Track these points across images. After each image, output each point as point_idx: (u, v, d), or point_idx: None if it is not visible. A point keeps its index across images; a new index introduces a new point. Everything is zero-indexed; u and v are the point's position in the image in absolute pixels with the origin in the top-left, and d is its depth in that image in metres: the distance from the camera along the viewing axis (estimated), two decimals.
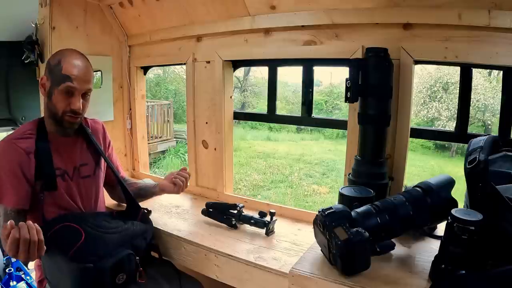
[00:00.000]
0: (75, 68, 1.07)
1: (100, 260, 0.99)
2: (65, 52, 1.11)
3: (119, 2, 1.68)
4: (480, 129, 8.83)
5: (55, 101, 1.08)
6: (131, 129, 1.97)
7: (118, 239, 1.08)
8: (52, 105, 1.09)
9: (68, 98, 1.07)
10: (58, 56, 1.10)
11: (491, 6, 0.95)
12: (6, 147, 1.05)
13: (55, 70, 1.07)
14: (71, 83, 1.06)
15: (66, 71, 1.06)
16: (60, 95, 1.07)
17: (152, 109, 8.48)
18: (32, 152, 1.06)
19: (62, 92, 1.07)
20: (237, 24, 1.42)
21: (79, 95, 1.09)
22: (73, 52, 1.11)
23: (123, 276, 1.03)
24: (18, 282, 2.14)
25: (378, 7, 1.12)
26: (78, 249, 0.99)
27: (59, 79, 1.06)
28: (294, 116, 1.63)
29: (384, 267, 0.88)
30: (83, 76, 1.08)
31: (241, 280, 1.09)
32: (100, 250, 1.02)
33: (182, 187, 1.27)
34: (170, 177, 1.29)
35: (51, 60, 1.10)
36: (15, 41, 1.81)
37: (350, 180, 1.13)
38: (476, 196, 0.83)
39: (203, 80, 1.60)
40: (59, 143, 1.14)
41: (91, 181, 1.23)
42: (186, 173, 1.30)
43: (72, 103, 1.08)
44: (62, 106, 1.08)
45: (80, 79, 1.07)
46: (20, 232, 0.80)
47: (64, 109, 1.08)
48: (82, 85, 1.08)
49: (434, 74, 9.52)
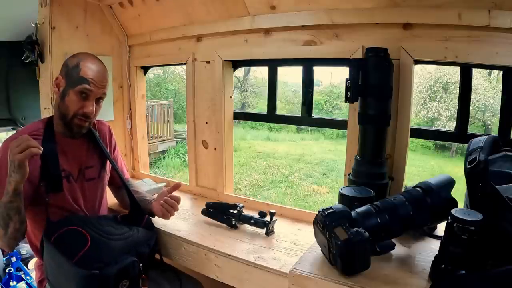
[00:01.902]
0: (93, 71, 1.09)
1: (105, 266, 0.99)
2: (84, 56, 1.12)
3: (119, 2, 1.68)
4: (480, 129, 8.84)
5: (68, 102, 1.08)
6: (131, 129, 1.97)
7: (123, 245, 1.09)
8: (64, 106, 1.09)
9: (82, 101, 1.08)
10: (77, 58, 1.10)
11: (491, 6, 0.95)
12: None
13: (72, 72, 1.08)
14: (87, 85, 1.07)
15: (84, 73, 1.07)
16: (74, 96, 1.08)
17: (152, 109, 8.48)
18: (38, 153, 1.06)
19: (77, 93, 1.08)
20: (237, 24, 1.42)
21: (93, 99, 1.10)
22: (91, 56, 1.13)
23: (127, 282, 1.03)
24: (18, 282, 2.14)
25: (378, 7, 1.12)
26: (84, 254, 0.99)
27: (75, 81, 1.07)
28: (294, 116, 1.62)
29: (384, 267, 0.88)
30: (100, 80, 1.10)
31: (241, 280, 1.09)
32: (105, 256, 1.02)
33: (169, 216, 1.22)
34: (159, 200, 1.23)
35: (69, 61, 1.11)
36: (15, 41, 1.81)
37: (350, 180, 1.13)
38: (476, 196, 0.83)
39: (203, 80, 1.60)
40: (65, 145, 1.14)
41: (95, 184, 1.23)
42: (176, 198, 1.21)
43: (85, 106, 1.09)
44: (74, 108, 1.08)
45: (97, 83, 1.09)
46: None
47: (76, 112, 1.09)
48: (97, 89, 1.09)
49: (434, 74, 9.52)
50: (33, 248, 1.19)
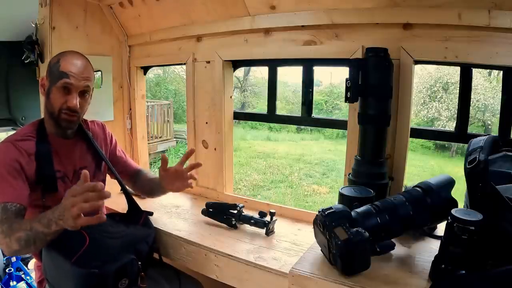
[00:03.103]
0: (73, 65, 1.07)
1: (104, 265, 0.99)
2: (65, 52, 1.12)
3: (119, 2, 1.68)
4: (480, 129, 8.84)
5: (52, 100, 1.08)
6: (131, 129, 1.97)
7: (122, 244, 1.08)
8: (49, 103, 1.09)
9: (65, 95, 1.07)
10: (58, 56, 1.10)
11: (491, 6, 0.95)
12: (7, 147, 1.04)
13: (53, 68, 1.08)
14: (67, 79, 1.05)
15: (64, 68, 1.06)
16: (57, 92, 1.07)
17: (152, 109, 8.48)
18: (33, 154, 1.05)
19: (59, 89, 1.06)
20: (237, 24, 1.42)
21: (76, 93, 1.08)
22: (73, 52, 1.12)
23: (126, 281, 1.02)
24: (18, 282, 2.14)
25: (378, 7, 1.12)
26: (82, 253, 0.99)
27: (56, 77, 1.06)
28: (294, 116, 1.62)
29: (384, 267, 0.88)
30: (80, 73, 1.08)
31: (241, 280, 1.09)
32: (103, 255, 1.01)
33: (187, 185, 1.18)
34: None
35: (52, 60, 1.11)
36: (15, 41, 1.81)
37: (350, 180, 1.13)
38: (476, 196, 0.83)
39: (203, 80, 1.60)
40: (59, 146, 1.13)
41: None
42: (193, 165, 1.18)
43: (68, 100, 1.07)
44: (58, 103, 1.07)
45: (78, 76, 1.07)
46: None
47: (61, 107, 1.07)
48: (79, 81, 1.07)
49: (434, 74, 9.53)
50: None
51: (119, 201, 1.45)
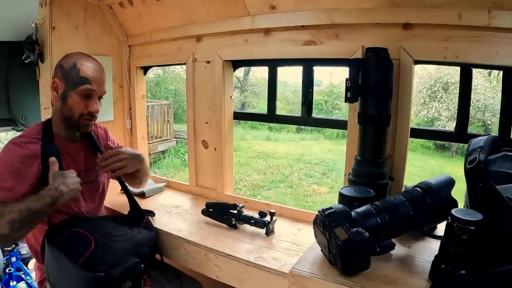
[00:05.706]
0: (92, 70, 1.08)
1: (110, 268, 0.99)
2: (79, 55, 1.11)
3: (119, 2, 1.68)
4: (480, 129, 8.84)
5: (71, 104, 1.07)
6: (131, 129, 1.97)
7: (126, 247, 1.09)
8: (67, 108, 1.08)
9: (86, 100, 1.08)
10: (72, 59, 1.09)
11: (491, 6, 0.95)
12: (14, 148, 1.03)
13: (70, 72, 1.07)
14: (90, 85, 1.06)
15: (84, 73, 1.06)
16: (77, 97, 1.07)
17: (152, 109, 8.47)
18: (39, 156, 1.04)
19: (80, 94, 1.07)
20: (237, 24, 1.42)
21: (96, 97, 1.10)
22: (86, 56, 1.12)
23: (129, 283, 1.03)
24: (18, 282, 2.14)
25: (378, 7, 1.12)
26: (88, 256, 0.99)
27: (76, 82, 1.06)
28: (294, 116, 1.62)
29: (384, 267, 0.88)
30: (100, 78, 1.10)
31: (241, 280, 1.09)
32: (109, 258, 1.02)
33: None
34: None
35: (64, 63, 1.09)
36: (15, 41, 1.81)
37: (350, 180, 1.13)
38: (476, 196, 0.83)
39: (203, 80, 1.60)
40: (65, 148, 1.13)
41: (95, 186, 1.23)
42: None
43: (90, 105, 1.08)
44: (79, 108, 1.08)
45: (98, 81, 1.09)
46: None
47: (82, 112, 1.08)
48: (100, 87, 1.09)
49: (434, 74, 9.52)
50: (32, 251, 1.19)
51: (119, 200, 1.46)
